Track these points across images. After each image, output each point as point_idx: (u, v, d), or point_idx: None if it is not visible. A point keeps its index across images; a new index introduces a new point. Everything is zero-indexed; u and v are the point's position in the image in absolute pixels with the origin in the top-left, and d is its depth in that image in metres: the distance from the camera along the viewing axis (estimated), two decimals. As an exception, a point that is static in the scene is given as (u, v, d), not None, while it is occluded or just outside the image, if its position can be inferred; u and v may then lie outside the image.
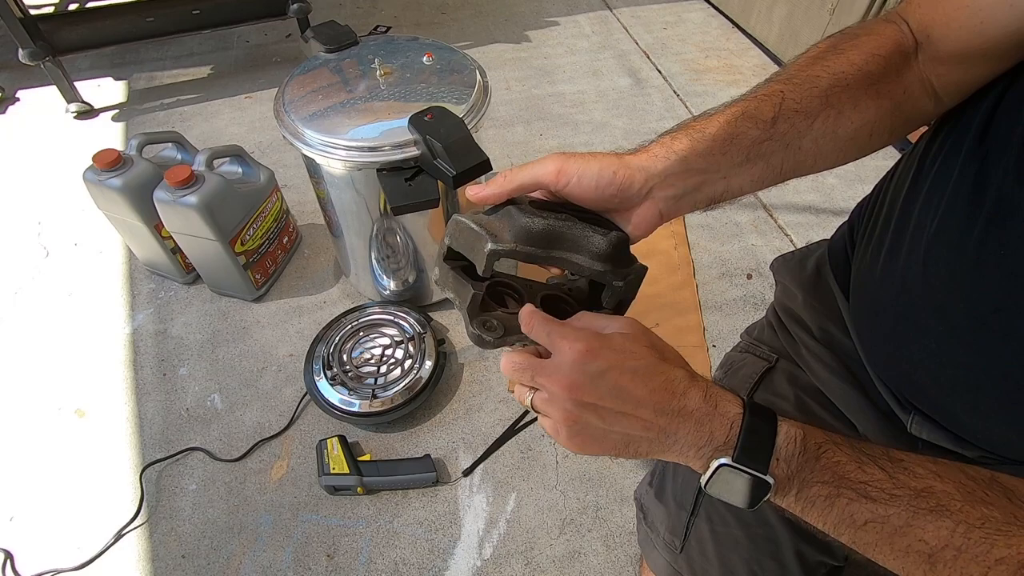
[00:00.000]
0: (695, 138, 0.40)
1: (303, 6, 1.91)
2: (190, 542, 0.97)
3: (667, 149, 0.40)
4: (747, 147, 0.40)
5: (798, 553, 0.55)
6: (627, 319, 0.40)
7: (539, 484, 1.04)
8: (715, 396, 0.35)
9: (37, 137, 1.81)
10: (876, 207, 0.50)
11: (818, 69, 0.41)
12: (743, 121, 0.40)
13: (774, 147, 0.40)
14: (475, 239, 0.39)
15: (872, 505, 0.32)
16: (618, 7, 2.45)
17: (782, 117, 0.40)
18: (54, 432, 1.11)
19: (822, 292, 0.58)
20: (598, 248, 0.39)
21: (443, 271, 0.43)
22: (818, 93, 0.40)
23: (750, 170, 0.41)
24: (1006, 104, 0.36)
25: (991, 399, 0.39)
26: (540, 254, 0.39)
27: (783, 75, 0.42)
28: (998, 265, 0.35)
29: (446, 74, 1.03)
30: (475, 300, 0.40)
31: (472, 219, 0.40)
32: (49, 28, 1.70)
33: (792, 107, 0.40)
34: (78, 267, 1.41)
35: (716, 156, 0.40)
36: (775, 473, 0.33)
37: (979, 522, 0.30)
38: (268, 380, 1.18)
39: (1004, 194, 0.34)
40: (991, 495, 0.31)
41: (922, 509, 0.31)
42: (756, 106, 0.40)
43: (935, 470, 0.32)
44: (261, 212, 1.23)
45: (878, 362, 0.50)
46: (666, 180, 0.40)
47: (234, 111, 1.89)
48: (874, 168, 1.63)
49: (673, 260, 1.39)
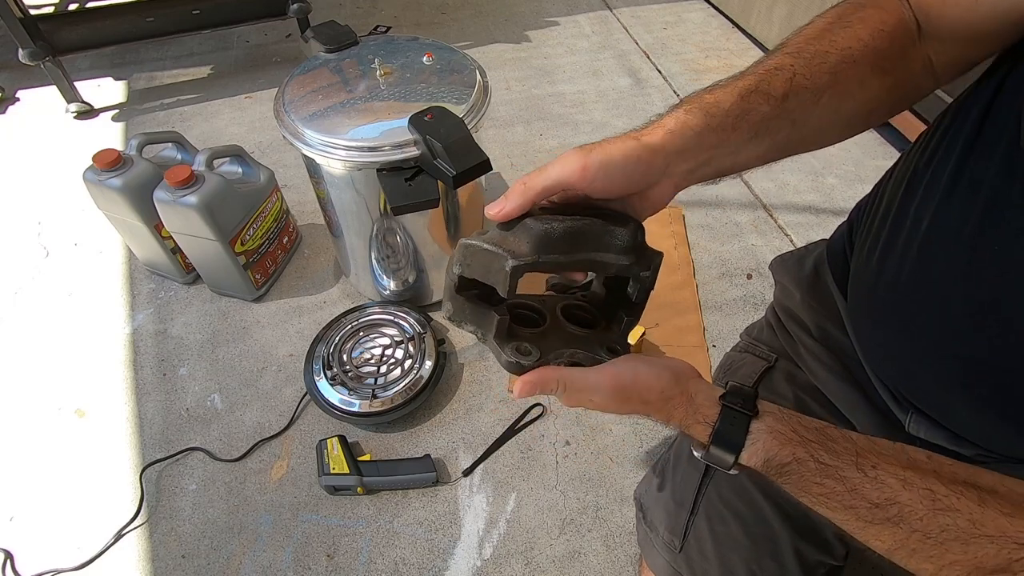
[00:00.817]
0: (709, 113, 0.38)
1: (303, 6, 1.91)
2: (190, 542, 0.97)
3: (682, 125, 0.38)
4: (756, 123, 0.39)
5: (797, 552, 0.55)
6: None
7: (539, 484, 1.04)
8: (693, 414, 0.38)
9: (37, 137, 1.81)
10: (875, 206, 0.50)
11: (826, 44, 0.40)
12: (755, 96, 0.39)
13: (782, 124, 0.40)
14: (491, 259, 0.36)
15: (829, 512, 0.34)
16: (618, 7, 2.45)
17: (792, 93, 0.39)
18: (54, 432, 1.11)
19: (820, 292, 0.58)
20: (623, 241, 0.37)
21: (457, 304, 0.40)
22: (827, 69, 0.39)
23: (757, 146, 0.40)
24: (1000, 100, 0.36)
25: (988, 393, 0.39)
26: (564, 260, 0.36)
27: (791, 47, 0.41)
28: (993, 259, 0.35)
29: (446, 74, 1.03)
30: (502, 326, 0.38)
31: (482, 240, 0.37)
32: (49, 28, 1.70)
33: (802, 83, 0.39)
34: (78, 267, 1.41)
35: (728, 132, 0.39)
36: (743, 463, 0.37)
37: (937, 531, 0.31)
38: (268, 380, 1.18)
39: (997, 188, 0.35)
40: (959, 502, 0.31)
41: (877, 520, 0.33)
42: (768, 81, 0.39)
43: (904, 478, 0.33)
44: (261, 212, 1.23)
45: (876, 360, 0.50)
46: (681, 156, 0.39)
47: (234, 111, 1.89)
48: (874, 168, 1.63)
49: (673, 260, 1.39)
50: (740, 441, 0.35)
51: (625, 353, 0.40)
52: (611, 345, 0.40)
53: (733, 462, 0.36)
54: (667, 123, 0.39)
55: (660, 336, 1.23)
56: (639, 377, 0.37)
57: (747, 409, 0.36)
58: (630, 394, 0.36)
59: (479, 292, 0.39)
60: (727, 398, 0.37)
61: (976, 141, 0.37)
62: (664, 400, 0.37)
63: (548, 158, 1.67)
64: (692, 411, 0.37)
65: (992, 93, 0.37)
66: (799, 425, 0.36)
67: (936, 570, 0.31)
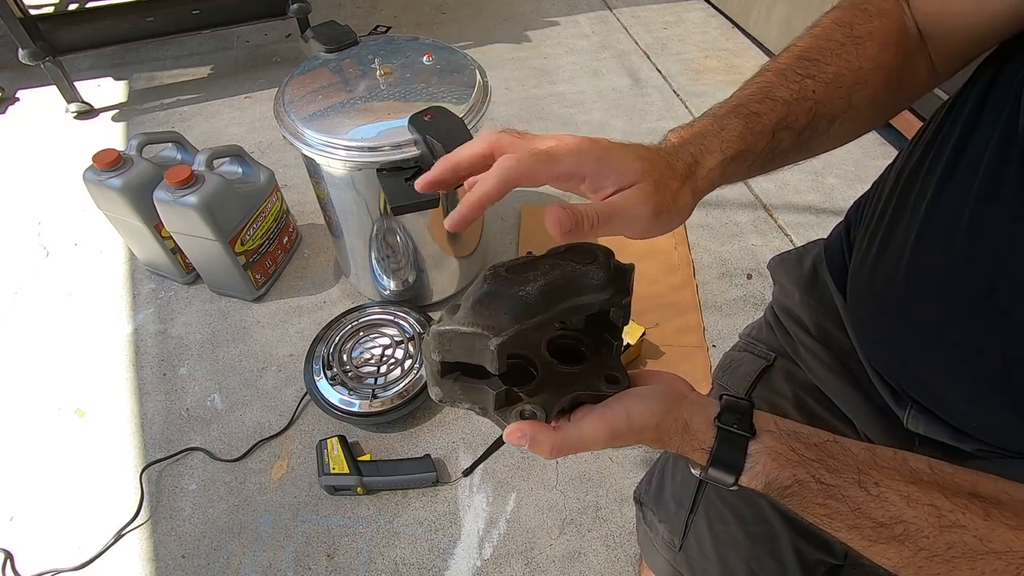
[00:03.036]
0: (746, 161, 0.38)
1: (303, 6, 1.91)
2: (190, 542, 0.97)
3: (720, 167, 0.37)
4: (778, 153, 0.39)
5: (797, 551, 0.55)
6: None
7: (539, 484, 1.04)
8: (689, 442, 0.37)
9: (37, 137, 1.81)
10: (873, 203, 0.50)
11: (842, 65, 0.40)
12: (781, 132, 0.39)
13: (798, 153, 0.41)
14: (472, 341, 0.34)
15: (833, 532, 0.34)
16: (618, 7, 2.45)
17: (811, 125, 0.39)
18: (54, 432, 1.11)
19: (819, 290, 0.58)
20: (598, 280, 0.36)
21: (447, 388, 0.38)
22: (842, 95, 0.39)
23: (767, 168, 0.41)
24: (995, 89, 0.36)
25: (987, 381, 0.39)
26: (546, 318, 0.35)
27: (812, 67, 0.40)
28: (990, 245, 0.35)
29: (446, 74, 1.03)
30: (500, 399, 0.36)
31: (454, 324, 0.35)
32: (49, 28, 1.70)
33: (822, 112, 0.39)
34: (78, 267, 1.41)
35: (750, 171, 0.39)
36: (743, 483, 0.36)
37: (944, 548, 0.31)
38: (268, 380, 1.18)
39: (993, 175, 0.35)
40: (965, 517, 0.31)
41: (882, 539, 0.32)
42: (795, 115, 0.39)
43: (907, 494, 0.32)
44: (261, 212, 1.23)
45: (875, 355, 0.50)
46: (703, 192, 0.38)
47: (234, 111, 1.89)
48: (874, 168, 1.63)
49: (673, 260, 1.39)
50: (739, 464, 0.35)
51: (624, 378, 0.38)
52: (609, 375, 0.39)
53: (733, 483, 0.35)
54: (705, 161, 0.37)
55: (660, 336, 1.23)
56: (632, 416, 0.35)
57: (744, 430, 0.35)
58: (626, 436, 0.35)
59: (464, 369, 0.37)
60: (722, 418, 0.36)
61: (972, 131, 0.37)
62: (661, 433, 0.36)
63: (548, 158, 1.68)
64: (688, 439, 0.36)
65: (987, 84, 0.37)
66: (798, 443, 0.35)
67: None
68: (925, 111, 1.48)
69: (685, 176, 0.36)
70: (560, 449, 0.34)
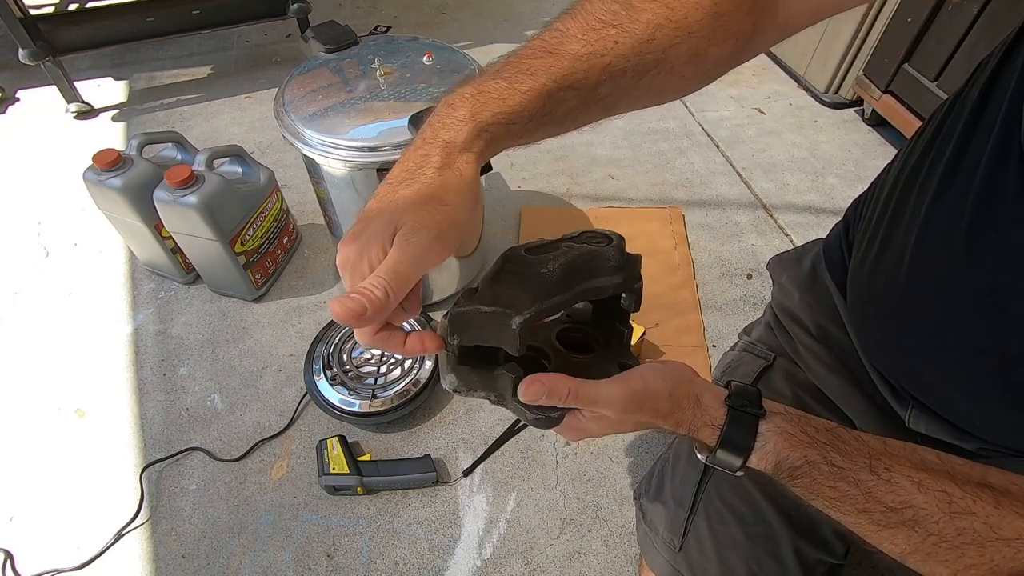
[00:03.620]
0: (510, 129, 0.33)
1: (303, 6, 1.91)
2: (190, 542, 0.97)
3: (483, 141, 0.33)
4: (561, 116, 0.35)
5: (797, 551, 0.55)
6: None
7: (539, 484, 1.04)
8: (701, 416, 0.37)
9: (37, 137, 1.81)
10: (872, 203, 0.50)
11: (662, 9, 0.33)
12: (564, 92, 0.33)
13: (593, 110, 0.36)
14: (493, 321, 0.33)
15: (841, 516, 0.34)
16: (618, 7, 2.45)
17: (608, 81, 0.34)
18: (54, 432, 1.11)
19: (818, 290, 0.58)
20: (614, 261, 0.36)
21: (462, 376, 0.37)
22: (655, 47, 0.34)
23: (557, 129, 0.37)
24: (994, 92, 0.36)
25: (987, 380, 0.39)
26: (564, 299, 0.34)
27: (621, 12, 0.34)
28: (990, 247, 0.36)
29: (446, 74, 1.03)
30: (518, 385, 0.35)
31: (473, 304, 0.34)
32: (49, 28, 1.70)
33: (621, 66, 0.34)
34: (78, 267, 1.41)
35: (526, 136, 0.35)
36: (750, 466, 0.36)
37: (954, 534, 0.31)
38: (268, 380, 1.18)
39: (992, 177, 0.35)
40: (976, 504, 0.31)
41: (892, 523, 0.32)
42: (583, 72, 0.33)
43: (918, 480, 0.32)
44: (261, 212, 1.23)
45: (876, 355, 0.50)
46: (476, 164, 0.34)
47: (234, 111, 1.89)
48: (874, 168, 1.62)
49: (673, 260, 1.39)
50: (749, 444, 0.35)
51: (636, 365, 0.39)
52: (621, 362, 0.39)
53: (740, 465, 0.35)
54: (472, 143, 0.33)
55: (660, 336, 1.23)
56: (648, 383, 0.35)
57: (754, 410, 0.36)
58: (642, 403, 0.35)
59: (478, 355, 0.37)
60: (732, 399, 0.36)
61: (972, 133, 0.37)
62: (673, 405, 0.36)
63: (547, 158, 1.68)
64: (699, 413, 0.36)
65: (987, 84, 0.37)
66: (808, 426, 0.35)
67: (951, 574, 0.31)
68: (925, 111, 1.49)
69: (446, 167, 0.32)
70: (582, 395, 0.34)
